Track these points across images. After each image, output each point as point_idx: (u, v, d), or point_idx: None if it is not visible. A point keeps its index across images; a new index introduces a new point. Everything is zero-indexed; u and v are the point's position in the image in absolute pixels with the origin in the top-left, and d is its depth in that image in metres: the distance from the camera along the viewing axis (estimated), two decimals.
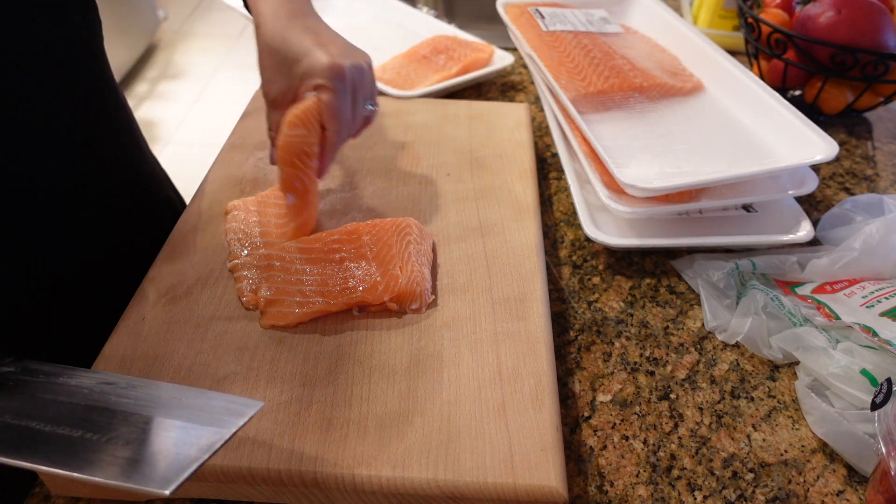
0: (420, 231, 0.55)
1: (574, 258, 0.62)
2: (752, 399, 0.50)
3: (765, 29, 0.79)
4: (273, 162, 0.50)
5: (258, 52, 0.51)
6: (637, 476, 0.45)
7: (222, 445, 0.33)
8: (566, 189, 0.71)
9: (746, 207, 0.64)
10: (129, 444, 0.34)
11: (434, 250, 0.55)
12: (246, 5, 0.56)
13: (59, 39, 0.50)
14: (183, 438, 0.34)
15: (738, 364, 0.53)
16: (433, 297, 0.51)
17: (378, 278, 0.49)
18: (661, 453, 0.46)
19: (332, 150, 0.52)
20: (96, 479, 0.32)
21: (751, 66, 0.88)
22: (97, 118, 0.57)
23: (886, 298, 0.51)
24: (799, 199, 0.65)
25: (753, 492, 0.44)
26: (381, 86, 0.79)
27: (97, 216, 0.58)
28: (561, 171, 0.73)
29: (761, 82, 0.69)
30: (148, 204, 0.67)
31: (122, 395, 0.38)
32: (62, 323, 0.56)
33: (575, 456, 0.46)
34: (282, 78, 0.50)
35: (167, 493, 0.30)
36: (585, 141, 0.63)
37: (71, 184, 0.54)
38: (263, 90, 0.52)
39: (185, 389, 0.40)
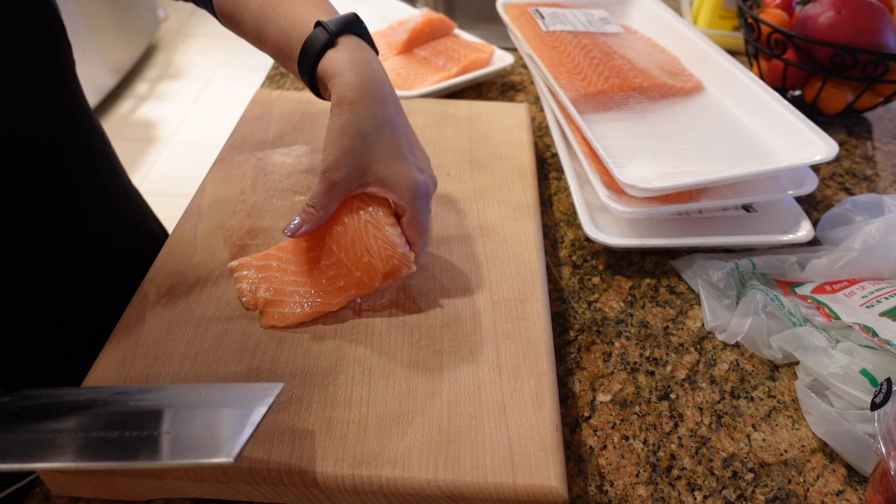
0: (370, 199, 0.49)
1: (574, 258, 0.62)
2: (752, 399, 0.50)
3: (765, 29, 0.79)
4: (290, 234, 0.48)
5: (337, 130, 0.45)
6: (637, 476, 0.45)
7: (266, 413, 0.35)
8: (566, 189, 0.71)
9: (746, 207, 0.64)
10: (169, 432, 0.35)
11: (394, 204, 0.49)
12: (311, 77, 0.48)
13: (24, 67, 0.48)
14: (222, 418, 0.36)
15: (737, 364, 0.53)
16: (413, 254, 0.48)
17: (358, 273, 0.49)
18: (661, 453, 0.46)
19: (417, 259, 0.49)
20: (160, 463, 0.33)
21: (751, 67, 0.88)
22: (68, 143, 0.55)
23: (886, 298, 0.51)
24: (799, 199, 0.65)
25: (753, 492, 0.44)
26: None
27: (70, 244, 0.56)
28: (561, 171, 0.73)
29: (761, 82, 0.69)
30: (125, 233, 0.64)
31: (140, 399, 0.38)
32: (36, 353, 0.54)
33: (575, 456, 0.46)
34: (353, 165, 0.46)
35: (232, 459, 0.32)
36: (585, 141, 0.63)
37: (40, 206, 0.52)
38: (328, 170, 0.45)
39: (199, 386, 0.40)
